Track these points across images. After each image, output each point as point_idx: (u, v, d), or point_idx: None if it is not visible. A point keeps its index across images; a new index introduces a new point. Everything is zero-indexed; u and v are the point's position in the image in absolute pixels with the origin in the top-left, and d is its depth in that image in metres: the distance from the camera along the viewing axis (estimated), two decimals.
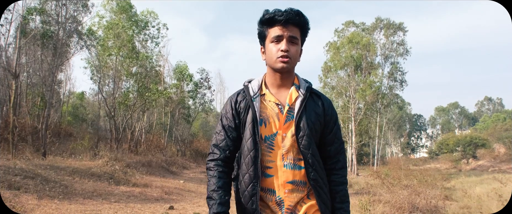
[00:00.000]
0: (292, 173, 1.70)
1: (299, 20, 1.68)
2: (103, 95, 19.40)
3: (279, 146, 1.71)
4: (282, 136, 1.71)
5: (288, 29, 1.66)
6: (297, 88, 1.75)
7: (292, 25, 1.67)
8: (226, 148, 1.76)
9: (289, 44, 1.67)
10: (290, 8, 1.67)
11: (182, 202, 7.97)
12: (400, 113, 61.62)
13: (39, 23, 15.94)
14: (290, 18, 1.65)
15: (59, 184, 7.21)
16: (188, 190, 10.34)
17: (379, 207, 10.58)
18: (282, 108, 1.72)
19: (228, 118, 1.77)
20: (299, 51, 1.73)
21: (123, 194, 7.83)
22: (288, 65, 1.68)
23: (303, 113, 1.70)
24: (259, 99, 1.74)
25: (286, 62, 1.66)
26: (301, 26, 1.70)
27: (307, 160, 1.69)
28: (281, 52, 1.65)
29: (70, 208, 5.69)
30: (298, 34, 1.70)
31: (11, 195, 5.44)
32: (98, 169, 9.91)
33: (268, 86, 1.77)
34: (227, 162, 1.77)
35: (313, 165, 1.70)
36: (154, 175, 12.47)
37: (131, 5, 22.20)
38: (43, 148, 11.71)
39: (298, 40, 1.70)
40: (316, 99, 1.77)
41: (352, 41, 33.35)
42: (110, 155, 12.21)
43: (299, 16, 1.68)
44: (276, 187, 1.70)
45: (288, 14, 1.64)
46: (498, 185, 12.06)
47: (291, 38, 1.67)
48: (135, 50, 20.93)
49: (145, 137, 23.39)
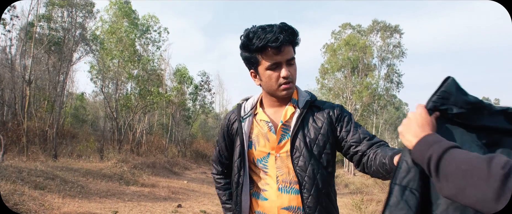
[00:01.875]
0: (288, 198, 1.54)
1: (293, 39, 1.50)
2: (105, 98, 19.99)
3: (273, 168, 1.57)
4: (276, 157, 1.56)
5: (284, 52, 1.48)
6: (294, 103, 1.58)
7: (288, 46, 1.49)
8: (222, 165, 1.77)
9: (288, 67, 1.51)
10: (280, 27, 1.47)
11: (188, 201, 8.62)
12: (397, 114, 62.16)
13: (46, 29, 16.52)
14: (285, 40, 1.46)
15: (76, 184, 7.85)
16: (192, 189, 10.99)
17: (371, 205, 11.16)
18: (272, 127, 1.58)
19: (221, 136, 1.74)
20: (296, 68, 1.55)
21: (134, 194, 8.48)
22: (291, 89, 1.54)
23: (300, 130, 1.53)
24: (251, 119, 1.63)
25: (289, 88, 1.53)
26: (294, 42, 1.52)
27: (302, 183, 1.51)
28: (283, 79, 1.50)
29: (90, 206, 6.33)
30: (292, 52, 1.52)
31: (39, 194, 6.07)
32: (108, 170, 10.55)
33: (264, 106, 1.65)
34: (227, 174, 1.77)
35: (310, 190, 1.50)
36: (159, 176, 13.10)
37: (133, 10, 22.83)
38: (54, 150, 12.33)
39: (295, 59, 1.53)
40: (317, 113, 1.57)
41: (349, 43, 33.77)
42: (118, 156, 12.89)
43: (291, 35, 1.49)
44: (272, 212, 1.56)
45: (282, 39, 1.44)
46: None
47: (289, 62, 1.51)
48: (137, 53, 21.53)
49: (146, 138, 23.96)
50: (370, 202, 11.46)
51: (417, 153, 0.95)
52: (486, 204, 0.77)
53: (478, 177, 0.79)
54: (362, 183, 20.63)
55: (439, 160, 0.88)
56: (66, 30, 15.93)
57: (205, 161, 24.93)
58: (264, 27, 1.47)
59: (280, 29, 1.46)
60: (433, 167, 0.88)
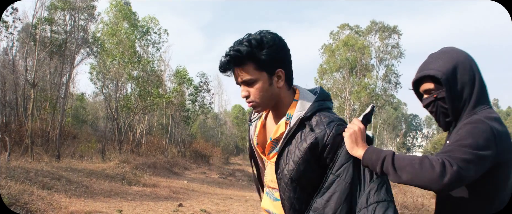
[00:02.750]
0: (271, 203, 1.58)
1: (242, 60, 1.41)
2: (106, 99, 20.27)
3: (267, 172, 1.61)
4: (269, 162, 1.58)
5: (236, 74, 1.46)
6: (288, 119, 1.48)
7: (240, 67, 1.43)
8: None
9: (246, 87, 1.45)
10: (229, 48, 1.43)
11: (189, 200, 8.91)
12: (395, 114, 62.38)
13: (48, 32, 16.77)
14: (228, 65, 1.43)
15: (81, 184, 8.14)
16: (192, 189, 11.27)
17: None
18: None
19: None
20: (263, 87, 1.44)
21: (136, 193, 8.77)
22: (257, 108, 1.49)
23: (285, 149, 1.45)
24: (259, 123, 1.63)
25: (253, 106, 1.48)
26: (252, 61, 1.41)
27: (284, 203, 1.47)
28: (243, 98, 1.49)
29: (95, 205, 6.61)
30: (251, 72, 1.42)
31: (46, 194, 6.35)
32: (110, 171, 10.85)
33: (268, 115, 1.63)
34: None
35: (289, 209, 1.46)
36: (159, 176, 13.39)
37: (134, 12, 23.13)
38: (58, 151, 12.62)
39: (255, 78, 1.43)
40: (308, 132, 1.42)
41: (347, 44, 33.97)
42: (120, 157, 13.22)
43: (237, 59, 1.41)
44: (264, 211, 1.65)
45: (224, 64, 1.43)
46: None
47: (245, 83, 1.45)
48: (137, 55, 21.82)
49: (146, 138, 24.24)
50: None
51: (368, 160, 1.35)
52: (434, 182, 1.26)
53: (426, 167, 1.28)
54: None
55: (393, 159, 1.33)
56: (68, 33, 16.20)
57: (205, 161, 25.22)
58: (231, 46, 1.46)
59: (227, 53, 1.42)
60: (390, 164, 1.31)
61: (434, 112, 1.58)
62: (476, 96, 1.49)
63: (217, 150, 31.67)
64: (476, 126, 1.37)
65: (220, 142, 42.86)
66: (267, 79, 1.43)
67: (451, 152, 1.32)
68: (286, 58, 1.47)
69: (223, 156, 31.31)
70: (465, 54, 1.55)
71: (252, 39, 1.40)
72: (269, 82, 1.44)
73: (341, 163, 1.38)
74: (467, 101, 1.49)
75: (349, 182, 1.35)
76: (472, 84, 1.50)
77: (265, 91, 1.44)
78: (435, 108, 1.56)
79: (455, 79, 1.48)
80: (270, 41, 1.41)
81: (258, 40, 1.40)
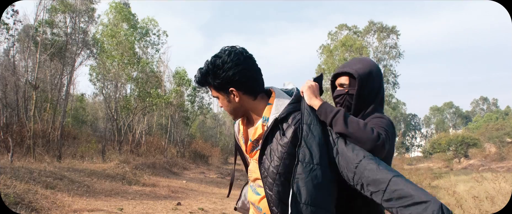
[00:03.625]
0: (253, 197, 1.71)
1: (204, 83, 1.64)
2: (106, 100, 20.51)
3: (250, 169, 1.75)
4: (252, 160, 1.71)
5: (211, 91, 1.67)
6: (264, 121, 1.60)
7: (208, 87, 1.66)
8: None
9: (219, 101, 1.67)
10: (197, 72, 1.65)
11: (187, 199, 9.17)
12: (393, 113, 62.40)
13: (49, 34, 16.98)
14: (199, 86, 1.69)
15: (82, 184, 8.40)
16: (191, 189, 11.54)
17: None
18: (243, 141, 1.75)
19: None
20: (224, 103, 1.65)
21: (136, 193, 9.03)
22: (232, 116, 1.71)
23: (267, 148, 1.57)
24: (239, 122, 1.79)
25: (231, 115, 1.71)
26: (210, 84, 1.62)
27: (271, 199, 1.55)
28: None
29: (97, 204, 6.87)
30: (213, 92, 1.65)
31: (50, 193, 6.61)
32: (111, 171, 11.12)
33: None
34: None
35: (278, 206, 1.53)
36: (159, 176, 13.65)
37: (133, 14, 23.37)
38: (59, 152, 12.88)
39: (217, 96, 1.64)
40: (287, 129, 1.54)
41: (345, 44, 34.05)
42: (120, 158, 13.50)
43: (199, 82, 1.65)
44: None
45: (196, 84, 1.68)
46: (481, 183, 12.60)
47: (217, 98, 1.67)
48: (136, 56, 22.04)
49: (145, 138, 24.47)
50: None
51: (323, 110, 1.58)
52: (371, 141, 1.48)
53: (368, 129, 1.51)
54: None
55: (346, 114, 1.56)
56: (69, 35, 16.42)
57: (204, 161, 25.47)
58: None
59: (195, 75, 1.66)
60: (342, 116, 1.54)
61: (340, 103, 1.85)
62: (378, 102, 1.81)
63: (216, 150, 31.90)
64: (382, 119, 1.69)
65: (219, 142, 43.05)
66: (225, 97, 1.62)
67: (376, 128, 1.59)
68: (240, 77, 1.56)
69: (222, 156, 31.54)
70: (378, 66, 1.87)
71: (204, 67, 1.60)
72: (227, 99, 1.62)
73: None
74: (370, 104, 1.79)
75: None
76: (378, 92, 1.81)
77: (227, 106, 1.65)
78: (342, 100, 1.84)
79: (367, 83, 1.77)
80: (220, 65, 1.55)
81: (209, 68, 1.58)
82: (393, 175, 1.38)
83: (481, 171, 30.33)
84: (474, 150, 46.03)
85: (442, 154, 50.84)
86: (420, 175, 23.65)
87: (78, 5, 16.29)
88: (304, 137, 1.50)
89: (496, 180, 11.71)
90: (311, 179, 1.46)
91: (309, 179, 1.46)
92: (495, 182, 11.47)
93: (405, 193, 1.33)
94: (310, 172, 1.47)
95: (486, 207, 9.58)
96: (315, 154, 1.49)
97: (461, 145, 48.21)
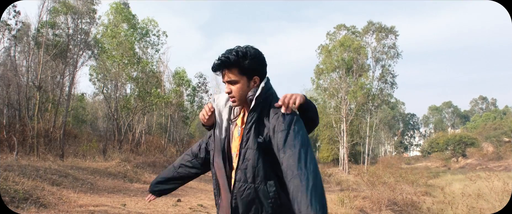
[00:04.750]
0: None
1: (230, 65, 1.76)
2: (106, 99, 20.82)
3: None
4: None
5: (225, 74, 1.79)
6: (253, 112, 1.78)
7: (227, 69, 1.78)
8: None
9: (230, 85, 1.79)
10: (221, 54, 1.79)
11: (187, 196, 9.49)
12: (392, 113, 62.52)
13: (51, 35, 17.27)
14: (218, 67, 1.79)
15: (86, 181, 8.72)
16: (190, 187, 11.86)
17: (357, 201, 11.94)
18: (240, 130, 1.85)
19: None
20: (242, 86, 1.79)
21: (138, 190, 9.35)
22: (236, 103, 1.82)
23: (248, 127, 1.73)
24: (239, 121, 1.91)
25: (233, 101, 1.82)
26: (237, 66, 1.77)
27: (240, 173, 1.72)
28: (227, 94, 1.83)
29: (101, 200, 7.18)
30: (235, 75, 1.78)
31: (56, 190, 6.92)
32: (113, 169, 11.45)
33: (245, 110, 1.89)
34: None
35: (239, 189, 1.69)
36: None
37: (133, 15, 23.67)
38: (62, 150, 13.19)
39: (237, 80, 1.78)
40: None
41: (344, 44, 34.12)
42: (121, 156, 13.84)
43: (226, 62, 1.77)
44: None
45: (215, 66, 1.79)
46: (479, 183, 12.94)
47: (229, 82, 1.79)
48: (136, 56, 22.33)
49: (145, 138, 24.75)
50: (356, 198, 12.30)
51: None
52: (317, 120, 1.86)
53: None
54: (354, 182, 21.35)
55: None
56: (70, 36, 16.70)
57: None
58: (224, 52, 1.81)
59: (219, 58, 1.79)
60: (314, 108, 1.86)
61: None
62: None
63: None
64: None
65: None
66: (246, 82, 1.79)
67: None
68: (262, 69, 1.83)
69: None
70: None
71: (239, 50, 1.77)
72: (247, 84, 1.80)
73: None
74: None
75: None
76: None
77: (242, 91, 1.79)
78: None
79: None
80: (252, 55, 1.78)
81: (243, 52, 1.77)
82: None
83: (478, 170, 30.62)
84: (472, 149, 46.32)
85: (440, 153, 51.13)
86: (416, 174, 23.92)
87: (79, 7, 16.57)
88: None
89: (489, 178, 12.09)
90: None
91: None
92: (489, 181, 11.84)
93: None
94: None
95: (472, 203, 9.96)
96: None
97: (459, 144, 48.49)
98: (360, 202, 12.01)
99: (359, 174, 18.59)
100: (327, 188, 17.20)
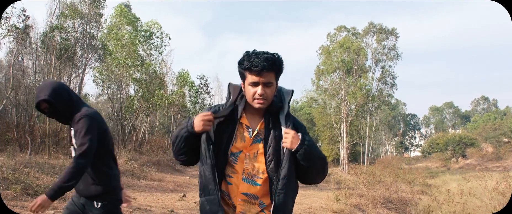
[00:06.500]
0: (247, 187, 1.88)
1: (273, 68, 1.81)
2: (111, 100, 21.32)
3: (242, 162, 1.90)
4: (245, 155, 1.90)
5: (263, 76, 1.79)
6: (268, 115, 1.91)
7: (267, 71, 1.79)
8: None
9: (265, 88, 1.82)
10: (265, 56, 1.79)
11: (191, 192, 10.05)
12: (392, 113, 62.47)
13: (58, 39, 17.81)
14: (265, 68, 1.78)
15: None
16: (194, 184, 12.43)
17: (353, 198, 12.45)
18: (251, 131, 1.91)
19: None
20: (274, 90, 1.87)
21: (145, 186, 9.93)
22: (264, 105, 1.85)
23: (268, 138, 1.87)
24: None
25: (262, 104, 1.84)
26: (275, 71, 1.83)
27: (272, 181, 1.86)
28: (257, 95, 1.82)
29: None
30: (272, 78, 1.83)
31: None
32: (120, 167, 11.90)
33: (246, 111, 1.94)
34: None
35: (282, 188, 1.81)
36: (164, 172, 14.56)
37: (137, 18, 24.21)
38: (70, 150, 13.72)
39: (273, 83, 1.84)
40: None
41: (344, 46, 34.36)
42: (128, 155, 14.47)
43: (273, 65, 1.80)
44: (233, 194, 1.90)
45: (263, 66, 1.77)
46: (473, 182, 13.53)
47: (265, 84, 1.82)
48: (139, 58, 22.81)
49: (148, 138, 25.22)
50: (352, 195, 12.81)
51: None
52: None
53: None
54: (353, 181, 21.77)
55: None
56: (77, 39, 17.23)
57: None
58: (258, 54, 1.82)
59: (266, 59, 1.78)
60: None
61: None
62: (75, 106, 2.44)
63: None
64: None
65: None
66: (276, 85, 1.90)
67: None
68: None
69: None
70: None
71: (279, 58, 1.85)
72: (276, 87, 1.90)
73: None
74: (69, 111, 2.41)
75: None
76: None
77: (273, 94, 1.88)
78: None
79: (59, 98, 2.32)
80: (281, 61, 1.87)
81: (280, 59, 1.86)
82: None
83: (477, 171, 30.84)
84: (472, 150, 46.22)
85: (440, 153, 51.09)
86: (413, 173, 24.36)
87: (86, 11, 17.12)
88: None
89: (482, 178, 12.67)
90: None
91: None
92: (481, 180, 12.40)
93: None
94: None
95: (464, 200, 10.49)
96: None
97: (459, 144, 48.40)
98: (356, 199, 12.51)
99: (356, 172, 19.07)
100: (326, 187, 17.71)
